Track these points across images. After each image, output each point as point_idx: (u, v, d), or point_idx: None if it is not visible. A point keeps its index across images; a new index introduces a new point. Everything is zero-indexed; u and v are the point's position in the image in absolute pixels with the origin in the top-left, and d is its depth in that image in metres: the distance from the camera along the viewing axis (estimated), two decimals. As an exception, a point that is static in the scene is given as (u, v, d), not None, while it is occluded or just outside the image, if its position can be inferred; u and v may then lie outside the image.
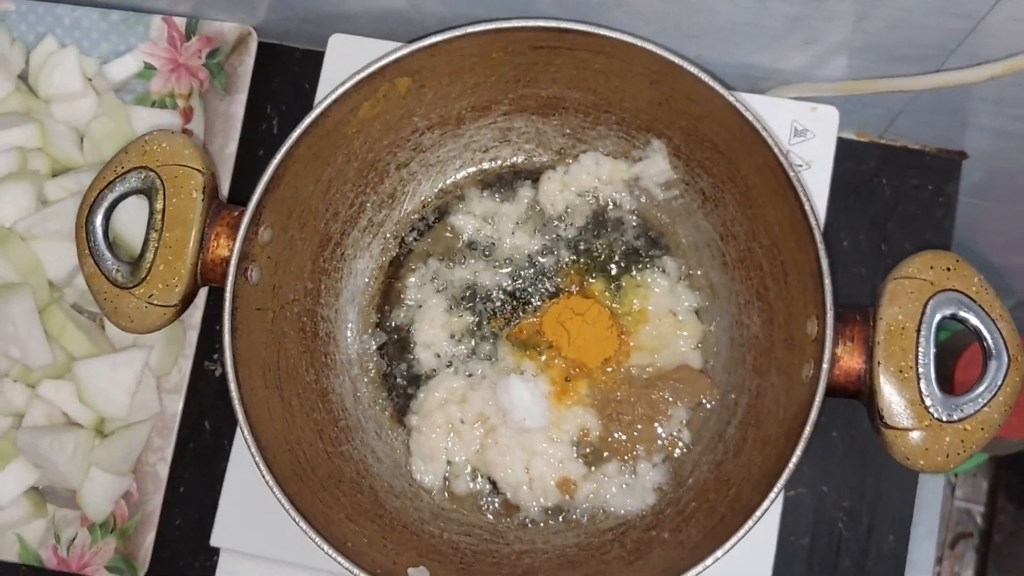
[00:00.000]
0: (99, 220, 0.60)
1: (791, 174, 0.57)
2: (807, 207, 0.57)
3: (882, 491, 0.71)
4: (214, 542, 0.68)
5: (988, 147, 0.75)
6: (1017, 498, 1.40)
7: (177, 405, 0.72)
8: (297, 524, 0.55)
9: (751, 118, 0.58)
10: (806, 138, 0.70)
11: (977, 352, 0.82)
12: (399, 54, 0.60)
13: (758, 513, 0.54)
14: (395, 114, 0.65)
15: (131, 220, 0.72)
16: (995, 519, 1.43)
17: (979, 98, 0.69)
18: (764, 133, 0.58)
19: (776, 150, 0.58)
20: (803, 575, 0.70)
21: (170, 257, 0.59)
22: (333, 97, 0.60)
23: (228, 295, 0.58)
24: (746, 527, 0.54)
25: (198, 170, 0.60)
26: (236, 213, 0.60)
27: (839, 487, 0.71)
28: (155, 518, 0.70)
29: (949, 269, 0.56)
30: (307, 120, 0.60)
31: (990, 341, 0.55)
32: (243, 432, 0.56)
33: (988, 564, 1.42)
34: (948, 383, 0.83)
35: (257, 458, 0.56)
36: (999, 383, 0.54)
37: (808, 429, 0.54)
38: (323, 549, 0.55)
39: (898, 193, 0.75)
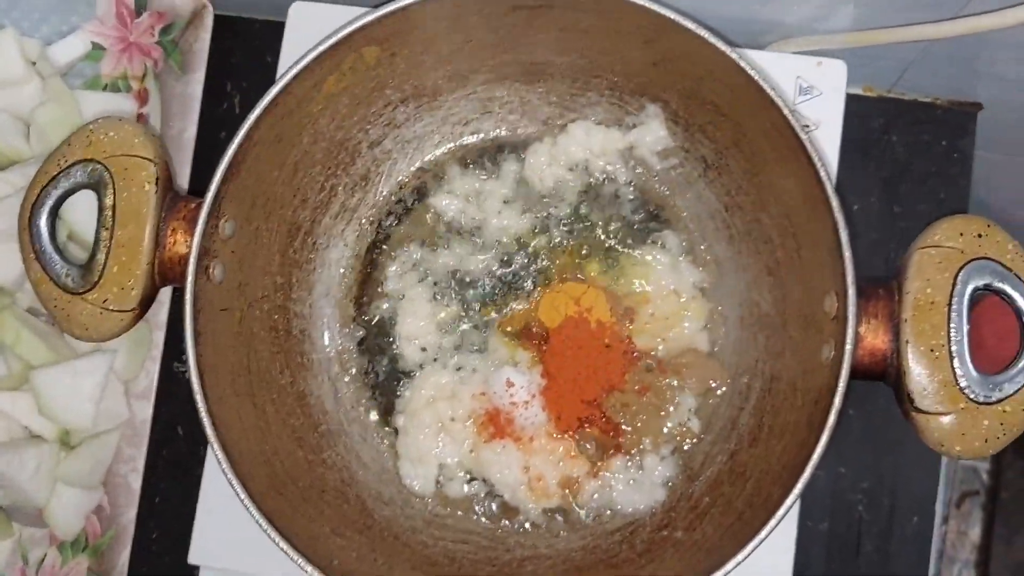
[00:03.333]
0: (43, 220, 0.55)
1: (802, 137, 0.52)
2: (821, 173, 0.52)
3: (903, 471, 0.68)
4: (192, 560, 0.64)
5: (1005, 97, 0.70)
6: (1024, 454, 1.38)
7: (147, 411, 0.68)
8: (278, 545, 0.50)
9: (756, 76, 0.53)
10: (812, 96, 0.65)
11: (989, 310, 0.78)
12: (365, 21, 0.55)
13: (781, 511, 0.50)
14: (364, 88, 0.60)
15: (89, 217, 0.67)
16: (1002, 476, 1.41)
17: (997, 44, 0.64)
18: (771, 92, 0.53)
19: (785, 110, 0.53)
20: (823, 562, 0.67)
21: (124, 257, 0.54)
22: (293, 72, 0.55)
23: (188, 296, 0.53)
24: (769, 526, 0.50)
25: (149, 160, 0.55)
26: (193, 205, 0.55)
27: (857, 468, 0.68)
28: (129, 533, 0.67)
29: (980, 236, 0.52)
30: (266, 99, 0.54)
31: (1029, 314, 0.50)
32: (213, 447, 0.51)
33: (995, 521, 1.40)
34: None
35: (229, 475, 0.51)
36: (1040, 359, 0.50)
37: (833, 417, 0.50)
38: (307, 571, 0.50)
39: (910, 150, 0.71)
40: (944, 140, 0.71)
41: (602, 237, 0.64)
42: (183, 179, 0.69)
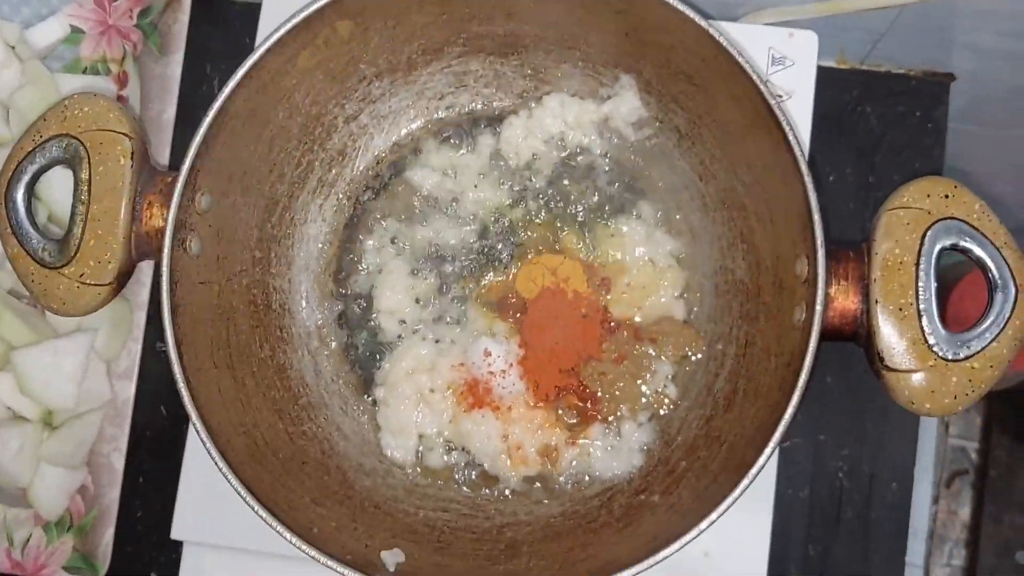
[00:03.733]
0: (20, 195, 0.55)
1: (772, 103, 0.53)
2: (791, 138, 0.52)
3: (882, 437, 0.68)
4: (175, 535, 0.64)
5: (976, 68, 0.71)
6: (1012, 432, 1.39)
7: (129, 391, 0.68)
8: (255, 511, 0.51)
9: (727, 45, 0.54)
10: (784, 66, 0.66)
11: (972, 285, 0.79)
12: (338, -6, 0.55)
13: (753, 471, 0.50)
14: (338, 62, 0.60)
15: (68, 197, 0.67)
16: (990, 454, 1.41)
17: (966, 13, 0.65)
18: (741, 60, 0.54)
19: (755, 78, 0.53)
20: (804, 530, 0.67)
21: (100, 231, 0.54)
22: (267, 46, 0.55)
23: (165, 269, 0.53)
24: (741, 486, 0.50)
25: (125, 134, 0.55)
26: (169, 179, 0.55)
27: (837, 435, 0.68)
28: (113, 512, 0.67)
29: (947, 196, 0.52)
30: (240, 73, 0.55)
31: (995, 271, 0.51)
32: (191, 416, 0.52)
33: (985, 499, 1.40)
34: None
35: (207, 443, 0.51)
36: (1007, 316, 0.50)
37: (804, 377, 0.50)
38: (285, 537, 0.51)
39: (884, 122, 0.71)
40: (918, 111, 0.71)
41: (578, 208, 0.64)
42: (162, 159, 0.70)
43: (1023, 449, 1.38)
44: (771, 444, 0.50)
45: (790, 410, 0.50)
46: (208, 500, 0.63)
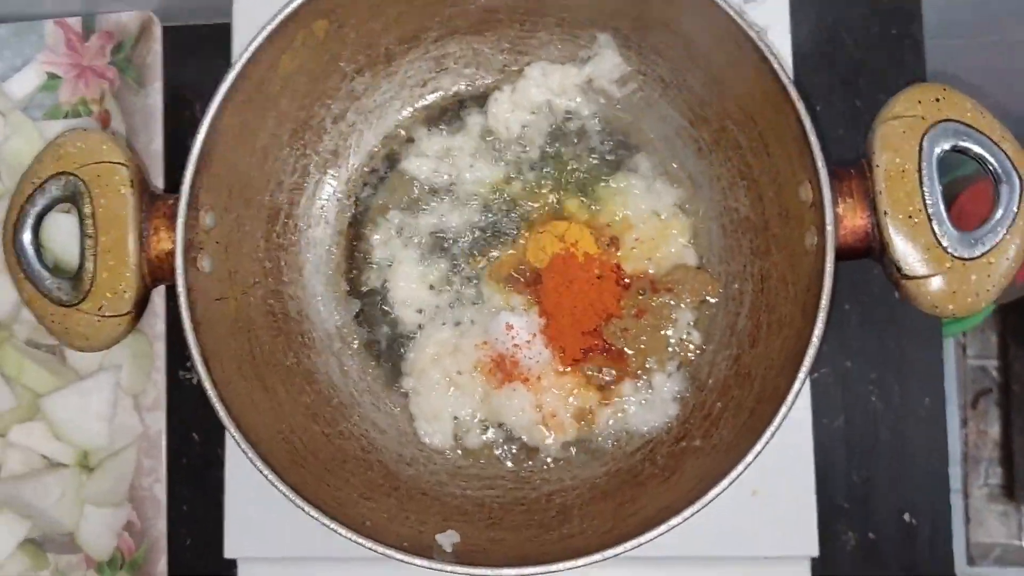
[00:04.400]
0: (27, 238, 0.55)
1: (752, 34, 0.53)
2: (776, 66, 0.53)
3: (907, 355, 0.68)
4: (229, 554, 0.64)
5: (945, -22, 0.71)
6: (1029, 344, 1.38)
7: (160, 422, 0.68)
8: (306, 512, 0.51)
9: (699, -16, 0.54)
10: (758, 2, 0.66)
11: (976, 194, 0.79)
12: (308, -5, 0.55)
13: (790, 398, 0.50)
14: (319, 62, 0.61)
15: (67, 238, 0.67)
16: (1010, 370, 1.42)
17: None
18: (717, -1, 0.54)
19: (733, 14, 0.54)
20: (844, 457, 0.68)
21: (111, 262, 0.54)
22: (248, 55, 0.55)
23: (181, 289, 0.53)
24: (780, 414, 0.50)
25: (121, 163, 0.55)
26: (171, 201, 0.55)
27: (863, 359, 0.68)
28: (163, 543, 0.67)
29: (938, 100, 0.53)
30: (224, 86, 0.55)
31: (997, 166, 0.51)
32: (229, 430, 0.52)
33: (1011, 415, 1.40)
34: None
35: (250, 454, 0.52)
36: (1015, 208, 0.51)
37: (825, 298, 0.50)
38: (340, 533, 0.51)
39: (862, 45, 0.72)
40: (894, 29, 0.72)
41: (576, 173, 0.64)
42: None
43: (1043, 359, 1.38)
44: (804, 368, 0.50)
45: (817, 331, 0.50)
46: (256, 514, 0.63)
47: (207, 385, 0.52)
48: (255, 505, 0.63)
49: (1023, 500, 1.35)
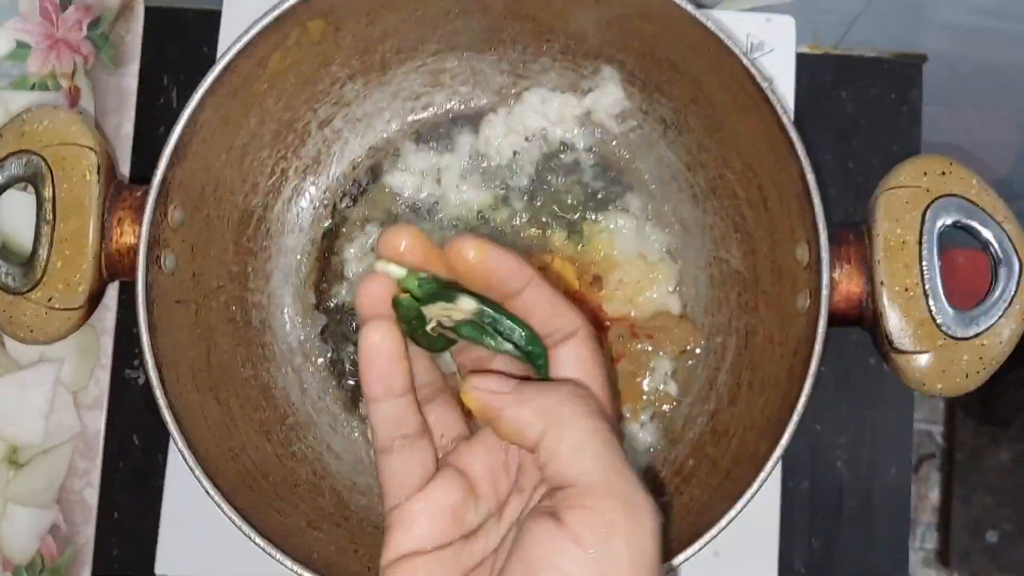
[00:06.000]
0: (-23, 218, 0.51)
1: (762, 84, 0.52)
2: (784, 119, 0.51)
3: (879, 422, 0.67)
4: (159, 571, 0.60)
5: (947, 47, 0.71)
6: (975, 414, 1.40)
7: (99, 422, 0.65)
8: (253, 541, 0.48)
9: (714, 28, 0.53)
10: (763, 51, 0.65)
11: (959, 257, 0.79)
12: (308, -8, 0.53)
13: (770, 463, 0.49)
14: (310, 64, 0.58)
15: (21, 219, 0.64)
16: (955, 437, 1.43)
17: (939, -8, 0.65)
18: (728, 42, 0.52)
19: (744, 59, 0.52)
20: (807, 521, 0.66)
21: (67, 251, 0.51)
22: (237, 48, 0.52)
23: (140, 288, 0.50)
24: (759, 479, 0.48)
25: (90, 148, 0.52)
26: (139, 193, 0.52)
27: (834, 424, 0.67)
28: (89, 551, 0.64)
29: (944, 173, 0.52)
30: (210, 77, 0.52)
31: (998, 247, 0.50)
32: (177, 444, 0.49)
33: (953, 482, 1.42)
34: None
35: (197, 471, 0.48)
36: (1013, 291, 0.50)
37: (815, 363, 0.49)
38: (287, 565, 0.48)
39: (859, 106, 0.71)
40: (892, 93, 0.71)
41: (565, 206, 0.62)
42: (122, 177, 0.66)
43: (987, 430, 1.40)
44: (787, 433, 0.49)
45: (803, 398, 0.49)
46: (194, 531, 0.60)
47: (158, 394, 0.49)
48: (195, 521, 0.59)
49: (956, 567, 1.36)
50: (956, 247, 0.77)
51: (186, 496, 0.60)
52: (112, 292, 0.65)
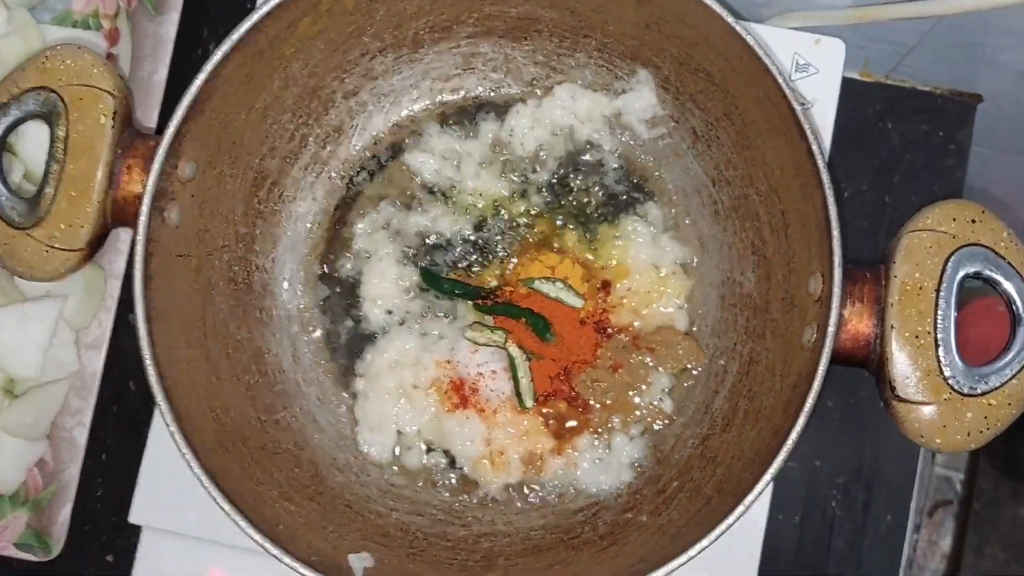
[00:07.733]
0: (-9, 147, 0.52)
1: (796, 109, 0.50)
2: (814, 147, 0.49)
3: (880, 466, 0.66)
4: (133, 519, 0.61)
5: (1006, 89, 0.68)
6: (999, 464, 1.37)
7: (97, 363, 0.65)
8: (220, 505, 0.48)
9: (753, 43, 0.51)
10: (808, 74, 0.63)
11: (982, 308, 0.76)
12: (345, -41, 0.52)
13: (750, 497, 0.47)
14: (341, 32, 0.57)
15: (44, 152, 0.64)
16: (975, 485, 1.40)
17: (1001, 31, 0.62)
18: (767, 61, 0.51)
19: (782, 82, 0.50)
20: (792, 555, 0.65)
21: (73, 193, 0.51)
22: (266, 9, 0.52)
23: (140, 238, 0.50)
24: (736, 513, 0.47)
25: (108, 92, 0.52)
26: (152, 143, 0.52)
27: (833, 461, 0.66)
28: (72, 489, 0.64)
29: (974, 221, 0.49)
30: (235, 35, 0.51)
31: (1020, 304, 0.48)
32: (156, 398, 0.48)
33: (967, 531, 1.38)
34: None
35: (173, 428, 0.48)
36: (1029, 352, 0.47)
37: (811, 401, 0.47)
38: (249, 534, 0.47)
39: (905, 140, 0.69)
40: (941, 131, 0.69)
41: (582, 206, 0.61)
42: (150, 123, 0.66)
43: (1009, 482, 1.36)
44: (772, 469, 0.47)
45: (794, 435, 0.47)
46: (171, 485, 0.59)
47: (144, 345, 0.49)
48: (173, 476, 0.58)
49: (958, 619, 1.33)
50: (978, 297, 0.75)
51: (167, 450, 0.60)
52: (125, 236, 0.65)
